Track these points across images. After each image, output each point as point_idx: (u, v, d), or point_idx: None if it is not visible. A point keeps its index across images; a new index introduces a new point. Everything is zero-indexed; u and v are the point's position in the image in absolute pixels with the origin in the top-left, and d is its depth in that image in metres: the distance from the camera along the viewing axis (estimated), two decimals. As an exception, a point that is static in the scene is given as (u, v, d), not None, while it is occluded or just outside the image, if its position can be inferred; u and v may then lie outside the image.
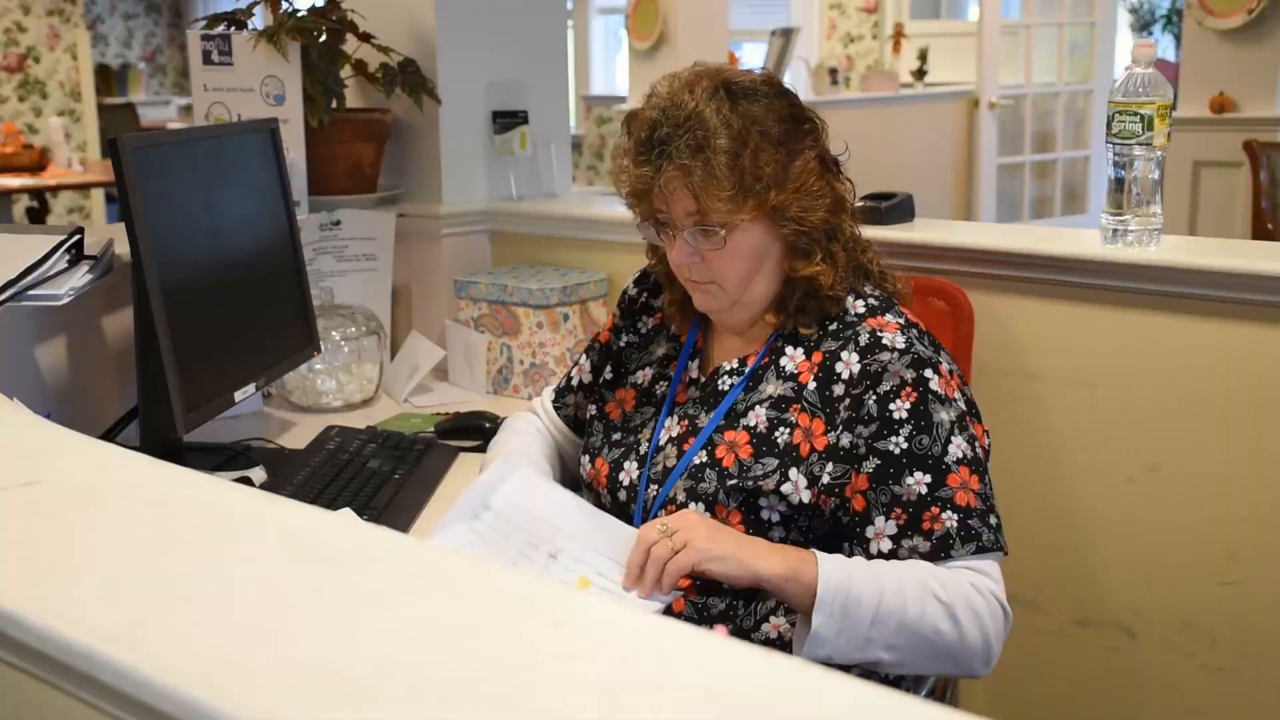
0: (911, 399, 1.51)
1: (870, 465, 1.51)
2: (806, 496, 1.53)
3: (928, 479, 1.49)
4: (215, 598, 0.80)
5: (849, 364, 1.55)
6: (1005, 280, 1.99)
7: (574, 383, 1.87)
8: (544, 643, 0.72)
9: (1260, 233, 4.78)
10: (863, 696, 0.64)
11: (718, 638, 0.72)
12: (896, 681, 1.59)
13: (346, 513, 1.65)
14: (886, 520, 1.50)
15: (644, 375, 1.76)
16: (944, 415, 1.51)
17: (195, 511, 0.96)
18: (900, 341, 1.54)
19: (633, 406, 1.75)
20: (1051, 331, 1.97)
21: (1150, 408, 1.90)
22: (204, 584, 0.82)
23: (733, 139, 1.52)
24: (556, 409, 1.89)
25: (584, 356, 1.87)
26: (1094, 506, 1.97)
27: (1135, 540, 1.94)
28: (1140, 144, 1.85)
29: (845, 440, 1.53)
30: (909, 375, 1.52)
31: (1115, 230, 1.90)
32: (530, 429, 1.88)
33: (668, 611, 1.50)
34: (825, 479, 1.52)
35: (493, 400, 2.46)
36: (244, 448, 2.07)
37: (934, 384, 1.52)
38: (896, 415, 1.51)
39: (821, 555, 1.48)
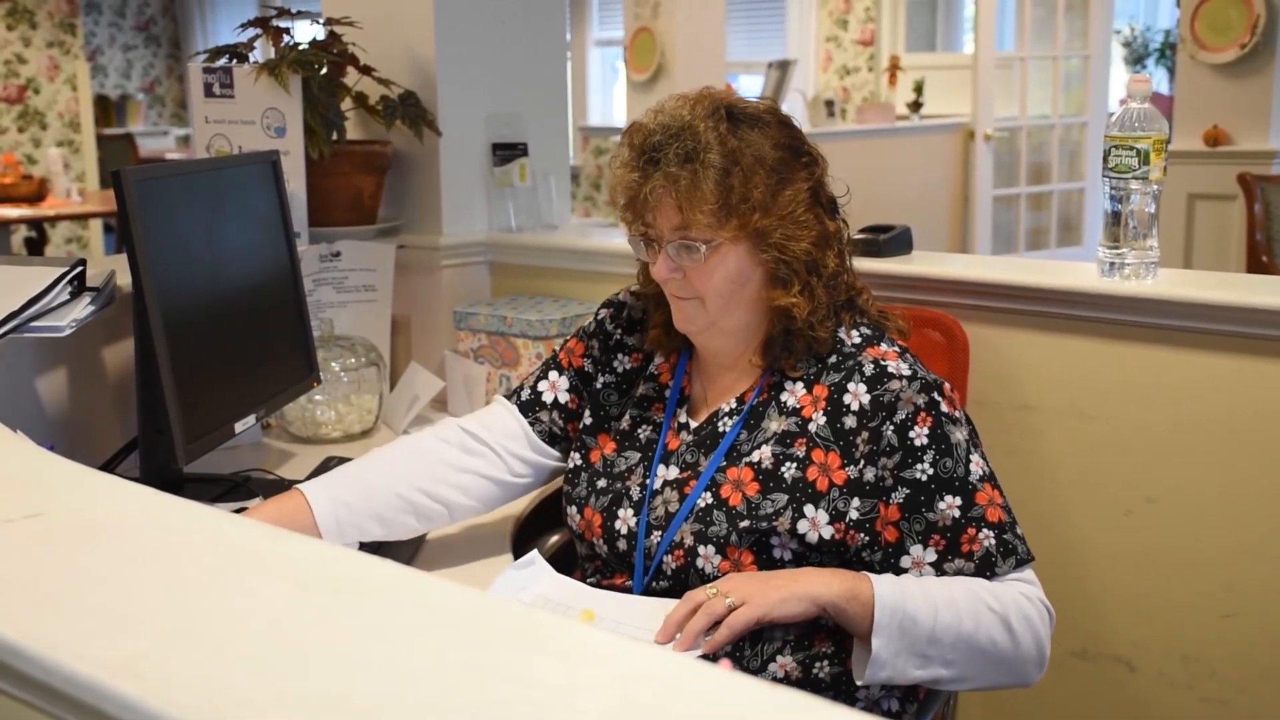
0: (928, 424, 1.52)
1: (899, 495, 1.51)
2: (828, 533, 1.52)
3: (958, 501, 1.50)
4: (221, 630, 0.80)
5: (857, 395, 1.55)
6: (1002, 313, 2.00)
7: (546, 399, 1.79)
8: (547, 674, 0.72)
9: (1254, 265, 4.80)
10: (866, 729, 0.64)
11: (720, 669, 0.72)
12: (899, 714, 1.58)
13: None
14: (925, 548, 1.50)
15: (625, 420, 1.73)
16: (959, 435, 1.53)
17: (201, 544, 0.97)
18: (905, 369, 1.55)
19: (614, 450, 1.72)
20: (1049, 364, 1.98)
21: (1147, 440, 1.90)
22: (210, 616, 0.82)
23: (725, 156, 1.54)
24: (530, 423, 1.78)
25: (554, 373, 1.80)
26: (1092, 538, 1.98)
27: (1134, 572, 1.95)
28: (1136, 178, 1.86)
29: (870, 474, 1.52)
30: (921, 400, 1.53)
31: (1112, 263, 1.91)
32: (413, 453, 1.75)
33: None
34: (853, 514, 1.52)
35: (491, 431, 2.46)
36: (243, 479, 2.07)
37: (944, 405, 1.54)
38: (918, 442, 1.51)
39: (872, 575, 1.48)
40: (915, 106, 8.04)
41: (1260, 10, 4.90)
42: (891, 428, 1.52)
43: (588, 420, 1.76)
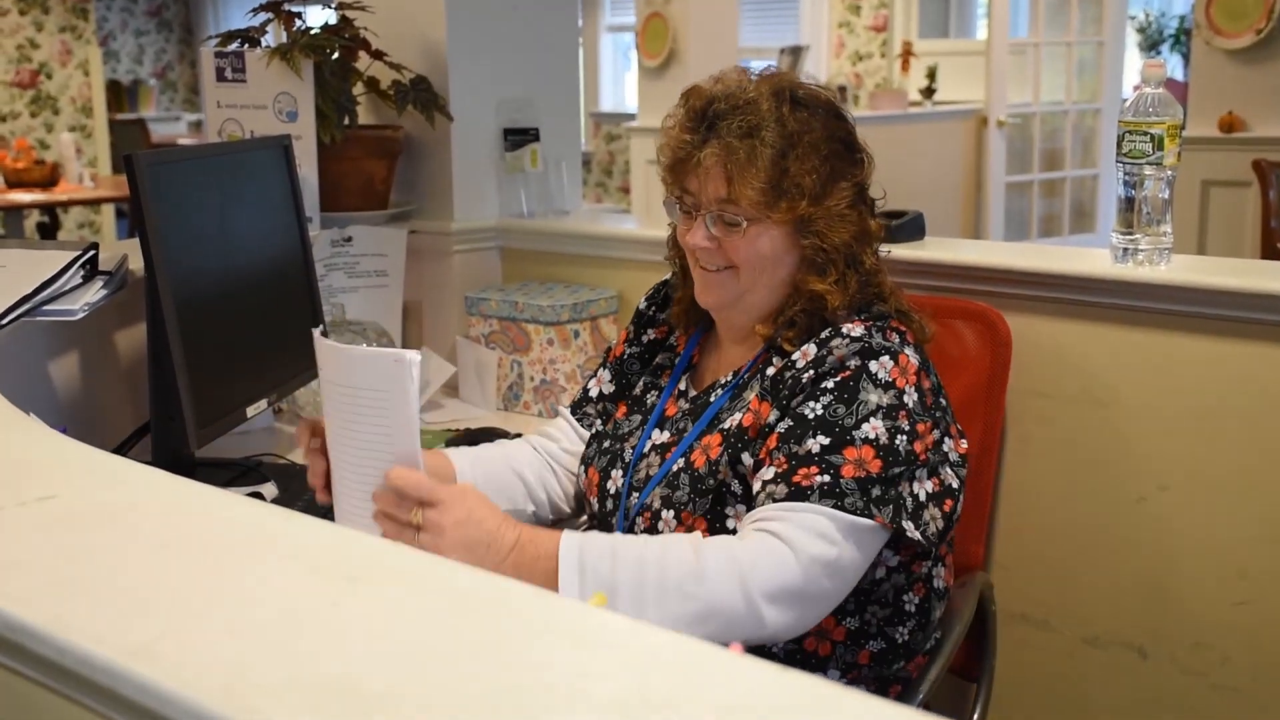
0: (843, 375, 1.50)
1: (783, 426, 1.50)
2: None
3: (826, 441, 1.46)
4: (234, 612, 0.80)
5: (806, 354, 1.55)
6: (1016, 299, 1.99)
7: (592, 394, 1.86)
8: (561, 659, 0.72)
9: (1269, 252, 4.78)
10: (882, 712, 0.64)
11: (733, 654, 0.72)
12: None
13: None
14: (769, 467, 1.47)
15: (639, 386, 1.78)
16: (872, 397, 1.49)
17: (214, 527, 0.97)
18: (857, 331, 1.54)
19: (623, 414, 1.76)
20: (1062, 350, 1.97)
21: (1161, 427, 1.89)
22: (223, 599, 0.83)
23: (784, 138, 1.54)
24: (579, 419, 1.86)
25: (601, 369, 1.87)
26: (1105, 525, 1.97)
27: (1146, 559, 1.94)
28: (1150, 164, 1.85)
29: (774, 416, 1.53)
30: (853, 363, 1.51)
31: (1126, 249, 1.91)
32: (517, 453, 1.85)
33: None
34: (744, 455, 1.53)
35: (503, 417, 2.46)
36: (255, 463, 2.08)
37: (876, 368, 1.51)
38: (824, 385, 1.50)
39: (564, 539, 1.40)
40: (928, 93, 8.01)
41: (1276, -5, 4.87)
42: (810, 375, 1.52)
43: (612, 389, 1.81)
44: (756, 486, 1.48)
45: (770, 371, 1.60)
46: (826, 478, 1.43)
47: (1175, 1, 9.26)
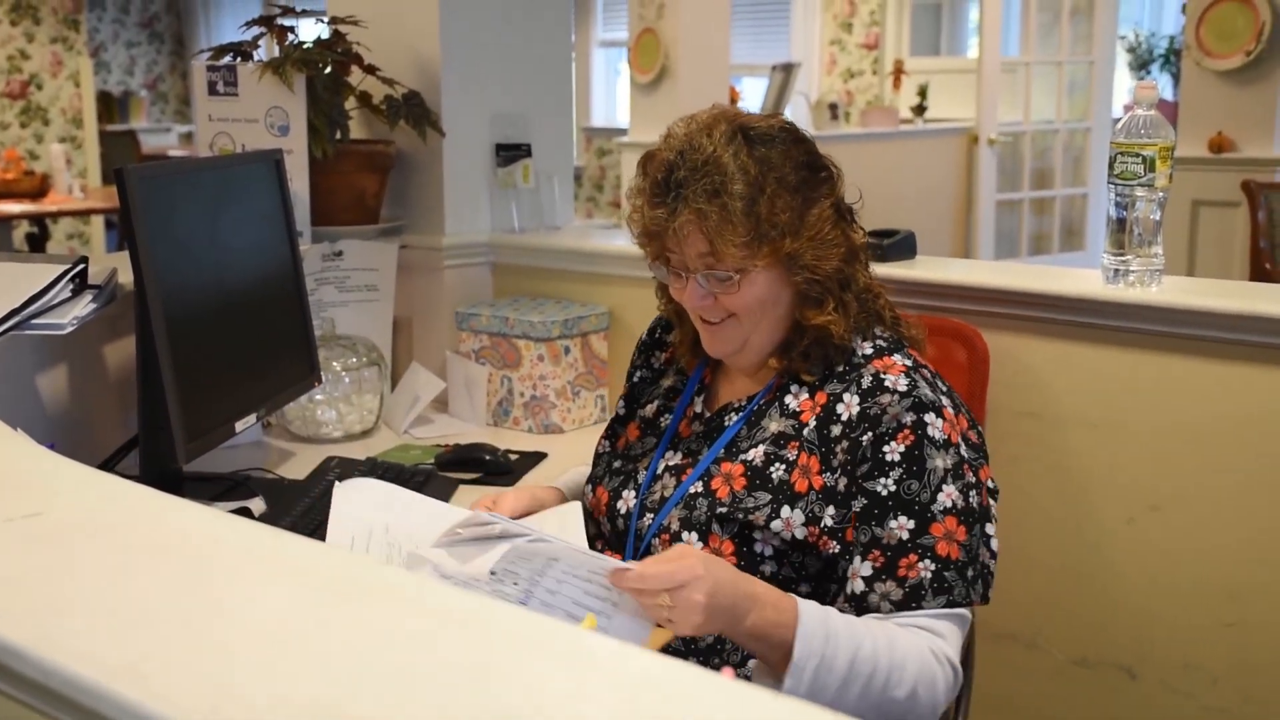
0: (907, 442, 1.49)
1: (858, 504, 1.50)
2: (801, 534, 1.51)
3: (911, 524, 1.47)
4: (220, 632, 0.79)
5: (850, 406, 1.54)
6: (1006, 319, 2.00)
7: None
8: (551, 681, 0.72)
9: (1258, 272, 4.79)
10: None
11: (724, 678, 0.72)
12: None
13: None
14: (864, 561, 1.48)
15: (650, 408, 1.76)
16: (939, 462, 1.49)
17: (202, 545, 0.96)
18: (903, 384, 1.53)
19: (636, 436, 1.75)
20: (1052, 370, 1.97)
21: (1151, 448, 1.90)
22: (209, 618, 0.82)
23: (749, 184, 1.52)
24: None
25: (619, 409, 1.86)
26: (1094, 546, 1.97)
27: (1136, 580, 1.94)
28: (1142, 185, 1.85)
29: (841, 484, 1.52)
30: (908, 419, 1.50)
31: (1117, 270, 1.91)
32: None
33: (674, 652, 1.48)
34: (828, 521, 1.51)
35: (493, 432, 2.46)
36: (243, 478, 2.07)
37: (932, 429, 1.51)
38: (889, 458, 1.49)
39: (803, 613, 1.41)
40: (919, 110, 8.04)
41: (1266, 17, 4.89)
42: (869, 438, 1.51)
43: (620, 411, 1.80)
44: (859, 586, 1.48)
45: (791, 403, 1.59)
46: (930, 568, 1.46)
47: (1165, 22, 9.30)
